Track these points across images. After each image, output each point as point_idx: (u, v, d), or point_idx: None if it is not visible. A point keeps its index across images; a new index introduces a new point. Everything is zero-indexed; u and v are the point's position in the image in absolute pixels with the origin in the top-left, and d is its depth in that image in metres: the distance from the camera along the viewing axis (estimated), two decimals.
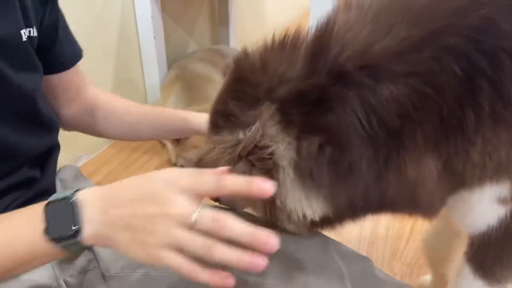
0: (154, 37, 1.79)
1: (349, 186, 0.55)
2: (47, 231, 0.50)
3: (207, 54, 1.96)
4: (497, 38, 0.51)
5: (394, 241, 1.23)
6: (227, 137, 0.59)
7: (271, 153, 0.56)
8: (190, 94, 1.71)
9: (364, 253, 0.73)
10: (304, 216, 0.58)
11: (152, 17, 1.75)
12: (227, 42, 2.31)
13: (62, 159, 0.86)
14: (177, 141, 1.53)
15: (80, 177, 0.91)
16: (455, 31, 0.52)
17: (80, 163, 1.67)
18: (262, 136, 0.56)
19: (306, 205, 0.57)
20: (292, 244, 0.68)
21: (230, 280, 0.48)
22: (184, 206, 0.47)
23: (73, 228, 0.49)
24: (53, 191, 0.81)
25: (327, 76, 0.54)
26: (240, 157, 0.57)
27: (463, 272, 0.70)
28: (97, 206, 0.50)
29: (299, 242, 0.69)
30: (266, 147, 0.55)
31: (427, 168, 0.55)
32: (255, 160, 0.57)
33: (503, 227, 0.61)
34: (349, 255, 0.72)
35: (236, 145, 0.57)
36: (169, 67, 1.92)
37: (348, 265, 0.69)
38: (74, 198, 0.50)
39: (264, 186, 0.47)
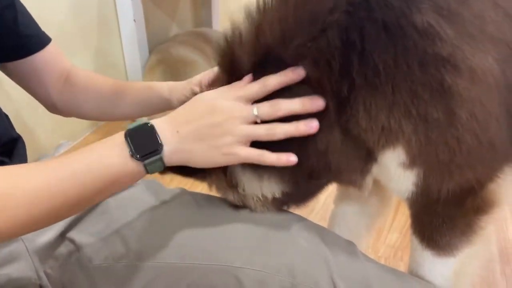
0: (134, 20, 1.75)
1: (287, 166, 0.61)
2: (134, 151, 0.57)
3: (189, 38, 1.93)
4: (368, 10, 0.54)
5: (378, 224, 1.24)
6: None
7: None
8: (172, 78, 1.65)
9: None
10: (264, 196, 0.65)
11: None
12: (210, 25, 2.27)
13: (43, 146, 0.85)
14: None
15: None
16: (338, 7, 0.55)
17: (61, 151, 1.64)
18: None
19: (261, 187, 0.64)
20: (278, 231, 0.69)
21: (294, 158, 0.61)
22: (243, 107, 0.60)
23: (157, 143, 0.57)
24: None
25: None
26: None
27: (413, 245, 0.72)
28: (168, 129, 0.59)
29: (285, 228, 0.69)
30: None
31: (331, 138, 0.60)
32: None
33: (420, 192, 0.63)
34: (334, 240, 0.73)
35: None
36: (151, 51, 1.88)
37: (332, 250, 0.70)
38: (150, 123, 0.59)
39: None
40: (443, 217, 0.66)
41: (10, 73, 0.83)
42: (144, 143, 0.58)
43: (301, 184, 0.64)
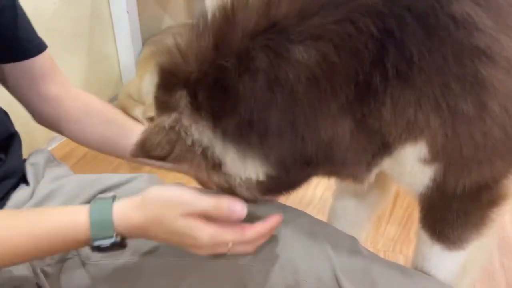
0: (127, 12, 1.73)
1: (274, 146, 0.59)
2: (92, 238, 0.59)
3: (183, 30, 1.90)
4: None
5: (377, 217, 1.24)
6: (161, 120, 0.61)
7: (193, 140, 0.60)
8: None
9: None
10: (248, 178, 0.62)
11: None
12: None
13: (36, 140, 0.83)
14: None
15: (54, 162, 0.87)
16: None
17: (53, 145, 1.62)
18: (180, 126, 0.59)
19: (245, 167, 0.61)
20: (280, 227, 0.67)
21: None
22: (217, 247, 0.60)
23: (112, 239, 0.59)
24: (20, 172, 0.79)
25: (233, 55, 0.56)
26: (172, 143, 0.60)
27: (422, 239, 0.71)
28: (135, 227, 0.59)
29: (287, 225, 0.68)
30: (187, 135, 0.60)
31: (340, 130, 0.57)
32: (183, 145, 0.61)
33: (436, 187, 0.62)
34: (335, 235, 0.72)
35: (166, 131, 0.61)
36: (144, 43, 1.86)
37: (334, 245, 0.69)
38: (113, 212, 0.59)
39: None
40: (457, 211, 0.65)
41: (3, 77, 0.81)
42: (104, 235, 0.59)
43: (291, 170, 0.61)
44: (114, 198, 0.61)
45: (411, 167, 0.61)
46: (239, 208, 0.58)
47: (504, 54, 0.52)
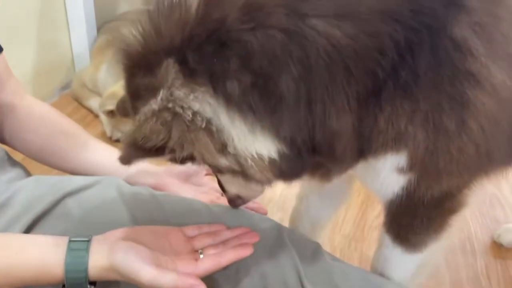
0: None
1: (285, 120, 0.54)
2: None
3: (141, 16, 1.84)
4: (426, 15, 0.53)
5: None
6: (144, 110, 0.54)
7: (194, 113, 0.52)
8: None
9: None
10: (260, 156, 0.55)
11: None
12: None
13: None
14: (112, 113, 1.44)
15: (9, 160, 0.83)
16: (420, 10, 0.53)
17: None
18: (173, 101, 0.52)
19: (254, 141, 0.54)
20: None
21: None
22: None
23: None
24: None
25: (235, 8, 0.50)
26: (168, 124, 0.53)
27: (384, 242, 0.76)
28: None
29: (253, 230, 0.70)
30: (185, 109, 0.52)
31: (347, 122, 0.55)
32: (182, 123, 0.53)
33: (406, 195, 0.66)
34: (300, 241, 0.74)
35: (156, 115, 0.53)
36: (99, 30, 1.78)
37: (300, 251, 0.71)
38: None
39: None
40: (421, 218, 0.69)
41: None
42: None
43: (303, 152, 0.56)
44: (88, 245, 0.60)
45: (386, 175, 0.64)
46: None
47: (490, 80, 0.56)
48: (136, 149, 0.54)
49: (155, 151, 0.53)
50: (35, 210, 0.71)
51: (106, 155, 0.85)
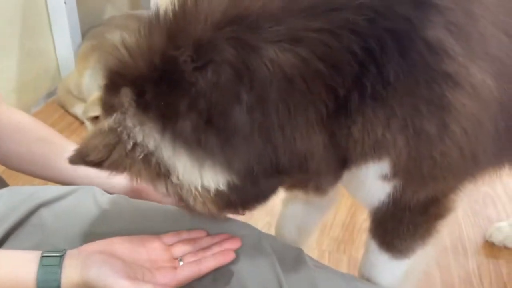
0: (65, 3, 1.63)
1: (240, 152, 0.55)
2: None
3: (126, 21, 1.82)
4: (390, 20, 0.52)
5: None
6: (100, 125, 0.57)
7: (135, 144, 0.55)
8: None
9: None
10: (206, 188, 0.57)
11: None
12: (148, 7, 2.16)
13: None
14: (96, 119, 1.43)
15: None
16: (356, 9, 0.52)
17: None
18: (122, 127, 0.55)
19: (201, 175, 0.56)
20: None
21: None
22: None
23: None
24: None
25: (189, 47, 0.51)
26: (110, 146, 0.55)
27: (370, 248, 0.75)
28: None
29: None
30: (129, 137, 0.55)
31: (315, 141, 0.56)
32: (124, 150, 0.56)
33: (392, 202, 0.65)
34: (281, 248, 0.73)
35: (105, 133, 0.56)
36: (83, 36, 1.76)
37: (281, 258, 0.70)
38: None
39: None
40: (407, 224, 0.68)
41: None
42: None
43: (260, 179, 0.57)
44: (61, 260, 0.58)
45: (370, 183, 0.63)
46: None
47: (469, 80, 0.55)
48: (79, 156, 0.56)
49: (93, 164, 0.56)
50: (9, 221, 0.69)
51: None
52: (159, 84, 0.52)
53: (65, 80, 1.72)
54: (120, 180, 0.81)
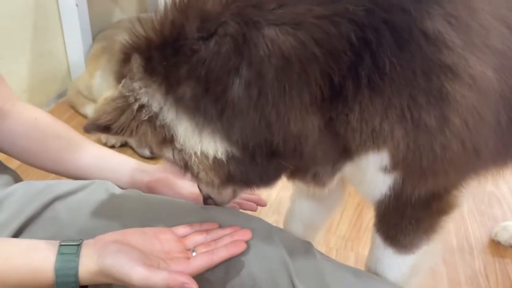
0: (76, 5, 1.66)
1: (236, 124, 0.56)
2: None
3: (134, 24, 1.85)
4: (387, 12, 0.53)
5: None
6: (111, 93, 0.61)
7: (141, 106, 0.58)
8: None
9: None
10: (205, 154, 0.59)
11: None
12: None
13: None
14: None
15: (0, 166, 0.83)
16: (360, 2, 0.53)
17: None
18: (130, 91, 0.58)
19: (201, 140, 0.58)
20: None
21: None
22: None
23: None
24: None
25: (197, 18, 0.55)
26: (119, 109, 0.58)
27: (375, 243, 0.75)
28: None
29: None
30: (135, 100, 0.58)
31: (310, 124, 0.56)
32: (131, 113, 0.59)
33: (393, 195, 0.65)
34: (291, 240, 0.74)
35: (115, 98, 0.60)
36: (94, 38, 1.79)
37: (290, 250, 0.71)
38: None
39: None
40: (410, 218, 0.68)
41: None
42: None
43: (257, 157, 0.59)
44: (78, 249, 0.60)
45: (371, 174, 0.64)
46: None
47: (469, 72, 0.55)
48: (92, 123, 0.59)
49: (103, 128, 0.58)
50: (24, 214, 0.71)
51: (101, 156, 0.85)
52: (165, 50, 0.55)
53: (75, 81, 1.75)
54: (134, 174, 0.84)
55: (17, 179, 0.85)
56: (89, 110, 1.64)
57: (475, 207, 1.37)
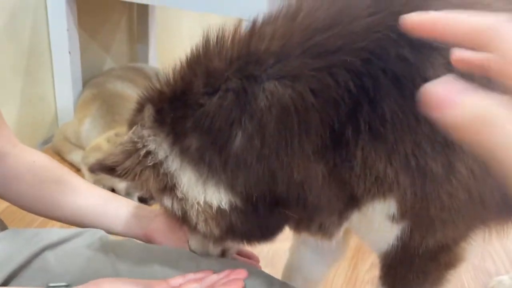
0: (69, 52, 1.67)
1: (240, 176, 0.57)
2: None
3: (126, 72, 1.86)
4: (384, 61, 0.54)
5: None
6: (123, 138, 0.64)
7: (148, 152, 0.59)
8: (109, 115, 1.60)
9: None
10: (209, 204, 0.59)
11: (67, 30, 1.62)
12: (146, 60, 2.22)
13: None
14: None
15: None
16: (353, 51, 0.54)
17: None
18: (139, 137, 0.60)
19: (205, 191, 0.59)
20: None
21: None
22: None
23: None
24: None
25: (203, 74, 0.58)
26: (126, 153, 0.60)
27: None
28: None
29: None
30: (143, 146, 0.60)
31: (313, 172, 0.57)
32: (138, 158, 0.60)
33: (401, 246, 0.64)
34: None
35: (124, 143, 0.62)
36: (84, 85, 1.79)
37: None
38: None
39: None
40: (417, 271, 0.67)
41: None
42: None
43: (260, 207, 0.58)
44: None
45: (379, 224, 0.62)
46: None
47: None
48: (99, 163, 0.61)
49: (108, 169, 0.59)
50: (12, 263, 0.67)
51: (95, 203, 0.82)
52: (174, 103, 0.58)
53: (62, 127, 1.72)
54: (130, 222, 0.80)
55: (2, 226, 0.80)
56: (76, 156, 1.60)
57: (468, 261, 1.36)
